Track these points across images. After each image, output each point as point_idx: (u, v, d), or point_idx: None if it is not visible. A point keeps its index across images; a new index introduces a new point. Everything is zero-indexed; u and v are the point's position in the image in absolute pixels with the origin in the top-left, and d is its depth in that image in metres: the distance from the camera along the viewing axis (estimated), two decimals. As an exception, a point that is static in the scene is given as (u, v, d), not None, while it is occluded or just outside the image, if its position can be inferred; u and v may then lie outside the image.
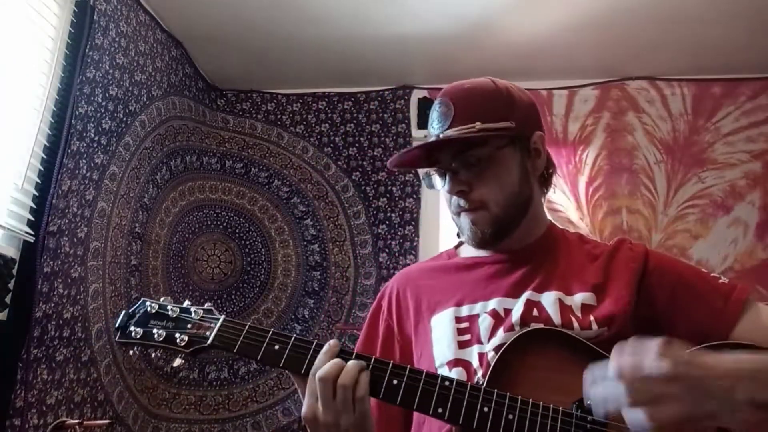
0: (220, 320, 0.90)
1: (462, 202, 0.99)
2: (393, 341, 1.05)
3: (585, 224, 2.82)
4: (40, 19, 2.01)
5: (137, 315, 0.91)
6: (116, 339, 0.92)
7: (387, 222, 3.02)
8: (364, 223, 3.04)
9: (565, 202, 2.86)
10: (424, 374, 0.82)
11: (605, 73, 2.97)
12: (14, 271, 1.89)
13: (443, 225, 2.99)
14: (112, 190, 2.37)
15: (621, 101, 2.96)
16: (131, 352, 0.91)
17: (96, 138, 2.26)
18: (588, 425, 0.78)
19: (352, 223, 3.06)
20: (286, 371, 0.88)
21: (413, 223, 2.98)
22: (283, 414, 2.82)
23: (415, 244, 2.96)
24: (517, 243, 1.02)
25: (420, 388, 0.81)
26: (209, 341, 0.88)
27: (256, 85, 3.25)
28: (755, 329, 0.90)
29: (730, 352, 0.76)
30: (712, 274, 0.99)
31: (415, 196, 3.01)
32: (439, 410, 0.80)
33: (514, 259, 1.01)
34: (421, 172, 1.07)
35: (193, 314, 0.91)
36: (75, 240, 2.14)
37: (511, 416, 0.78)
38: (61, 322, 2.06)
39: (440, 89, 1.05)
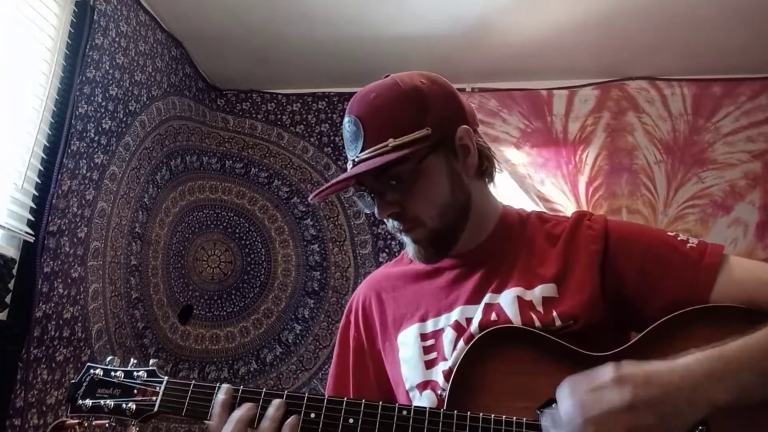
0: (164, 383, 0.87)
1: (397, 224, 0.92)
2: (365, 360, 1.02)
3: (585, 224, 2.82)
4: (40, 19, 2.01)
5: (84, 384, 0.89)
6: (67, 413, 0.90)
7: (387, 222, 3.01)
8: (364, 223, 3.04)
9: (565, 202, 2.86)
10: (380, 407, 0.80)
11: (605, 73, 2.97)
12: (14, 271, 1.89)
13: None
14: (112, 190, 2.37)
15: (621, 101, 2.96)
16: (86, 424, 0.91)
17: (96, 138, 2.26)
18: None
19: (352, 223, 3.06)
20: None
21: (413, 223, 2.98)
22: (283, 414, 2.82)
23: (415, 244, 2.96)
24: (470, 244, 0.97)
25: (377, 423, 0.80)
26: (155, 408, 0.86)
27: (256, 85, 3.25)
28: (731, 288, 0.86)
29: (683, 353, 0.75)
30: (679, 238, 0.92)
31: (415, 196, 3.01)
32: None
33: (471, 260, 0.96)
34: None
35: (137, 378, 0.89)
36: (75, 240, 2.14)
37: None
38: (61, 322, 2.06)
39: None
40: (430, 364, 0.91)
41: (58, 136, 2.03)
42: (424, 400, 0.90)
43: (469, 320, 0.91)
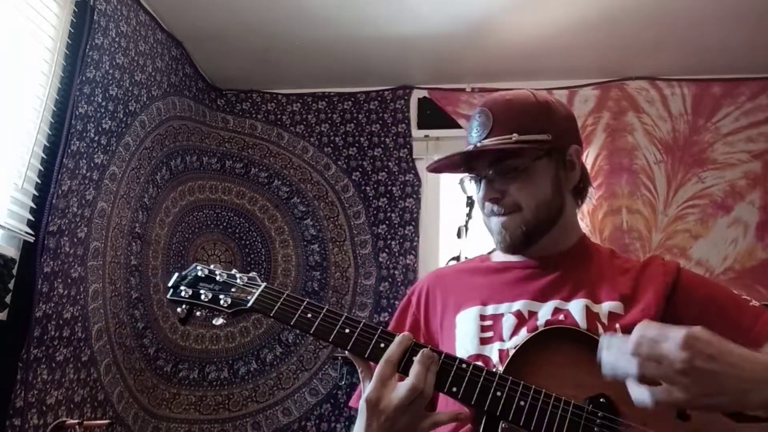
0: (262, 287, 0.96)
1: (496, 208, 1.02)
2: (419, 334, 1.08)
3: (585, 224, 2.82)
4: (40, 19, 2.01)
5: (188, 277, 0.99)
6: (167, 296, 0.98)
7: (387, 222, 3.02)
8: (364, 223, 3.04)
9: (565, 202, 2.85)
10: (443, 355, 0.85)
11: (605, 73, 2.97)
12: (14, 271, 1.89)
13: (443, 225, 2.99)
14: (112, 190, 2.37)
15: (621, 101, 2.96)
16: (179, 309, 0.97)
17: (96, 138, 2.26)
18: (598, 420, 0.79)
19: (352, 223, 3.06)
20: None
21: (413, 223, 2.98)
22: (283, 414, 2.82)
23: (415, 244, 2.96)
24: (548, 250, 1.04)
25: (438, 367, 0.84)
26: (249, 304, 0.94)
27: (256, 85, 3.25)
28: None
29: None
30: (743, 296, 0.99)
31: (415, 196, 3.01)
32: (454, 389, 0.82)
33: (545, 265, 1.03)
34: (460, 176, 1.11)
35: (238, 280, 0.98)
36: (75, 240, 2.14)
37: (522, 402, 0.80)
38: (61, 322, 2.06)
39: (440, 89, 1.09)
40: (485, 341, 0.96)
41: (58, 136, 2.03)
42: None
43: (531, 313, 0.96)
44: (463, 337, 0.98)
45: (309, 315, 0.91)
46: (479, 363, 0.93)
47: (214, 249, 3.09)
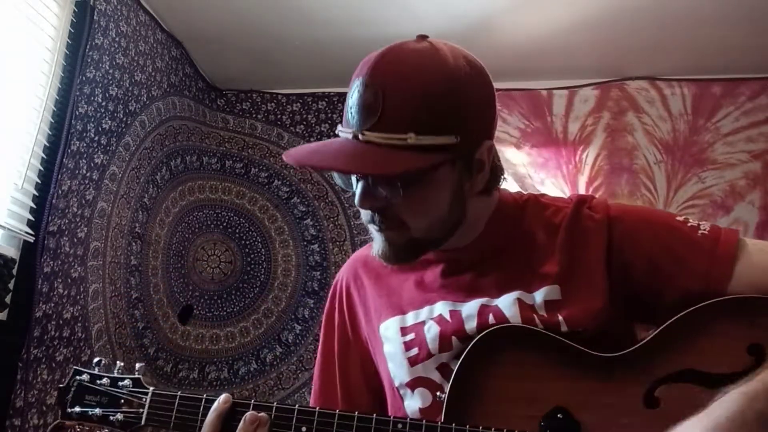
0: (149, 395, 0.83)
1: (377, 219, 0.80)
2: (350, 350, 0.97)
3: (585, 224, 2.82)
4: (40, 19, 2.01)
5: (72, 389, 0.87)
6: (58, 419, 0.87)
7: (387, 222, 3.01)
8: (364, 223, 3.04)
9: (565, 202, 2.86)
10: (374, 420, 0.76)
11: (605, 73, 2.97)
12: (14, 271, 1.89)
13: (443, 225, 2.99)
14: (112, 190, 2.37)
15: (621, 101, 2.96)
16: (78, 429, 0.87)
17: (96, 138, 2.26)
18: None
19: (352, 223, 3.06)
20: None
21: (413, 223, 2.98)
22: (283, 414, 2.82)
23: (415, 244, 2.96)
24: (459, 242, 0.87)
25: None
26: (143, 421, 0.83)
27: (256, 85, 3.25)
28: (752, 277, 0.78)
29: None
30: (689, 224, 0.83)
31: (415, 196, 3.01)
32: None
33: (462, 257, 0.88)
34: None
35: (121, 387, 0.85)
36: (75, 240, 2.14)
37: None
38: (61, 322, 2.06)
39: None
40: (413, 361, 0.86)
41: (58, 136, 2.03)
42: (416, 397, 0.86)
43: (454, 313, 0.85)
44: (393, 359, 0.88)
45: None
46: (422, 389, 0.85)
47: (214, 249, 3.09)
